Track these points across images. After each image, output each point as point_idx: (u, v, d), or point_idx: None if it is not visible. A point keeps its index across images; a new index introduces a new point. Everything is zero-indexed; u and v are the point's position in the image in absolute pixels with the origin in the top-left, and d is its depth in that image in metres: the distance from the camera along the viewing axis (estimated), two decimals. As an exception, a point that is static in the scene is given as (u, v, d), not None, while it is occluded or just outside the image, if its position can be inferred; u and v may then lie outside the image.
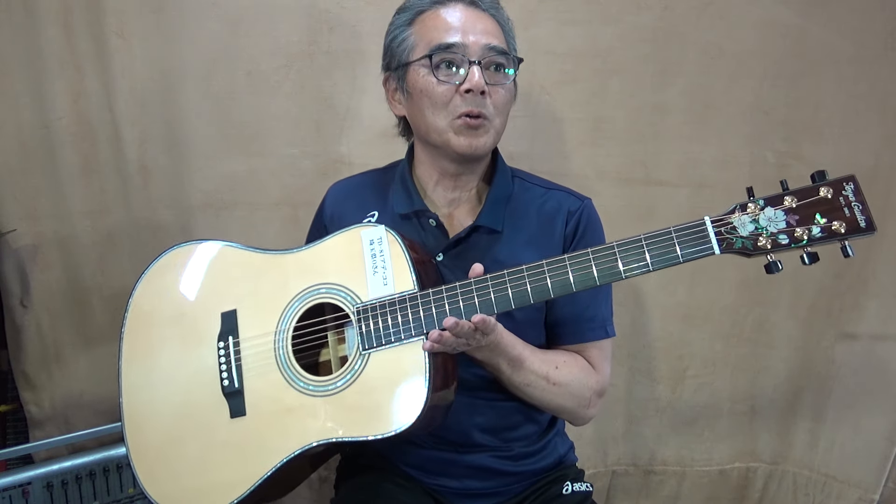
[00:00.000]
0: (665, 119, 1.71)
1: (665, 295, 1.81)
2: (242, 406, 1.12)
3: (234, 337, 1.14)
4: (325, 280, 1.11)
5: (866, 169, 1.70)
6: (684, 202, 1.75)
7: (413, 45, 1.15)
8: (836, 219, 0.88)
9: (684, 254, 0.94)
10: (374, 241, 1.08)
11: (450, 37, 1.11)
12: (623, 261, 0.96)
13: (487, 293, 1.01)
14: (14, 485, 1.50)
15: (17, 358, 1.71)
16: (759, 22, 1.66)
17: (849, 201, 0.88)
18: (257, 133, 1.69)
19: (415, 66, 1.14)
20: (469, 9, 1.14)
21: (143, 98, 1.64)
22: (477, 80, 1.09)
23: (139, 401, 1.17)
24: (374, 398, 1.05)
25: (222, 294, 1.16)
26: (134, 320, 1.20)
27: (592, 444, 1.88)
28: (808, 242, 0.90)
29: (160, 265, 1.20)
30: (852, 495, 1.84)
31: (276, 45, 1.65)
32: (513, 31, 1.20)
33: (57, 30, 1.57)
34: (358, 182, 1.33)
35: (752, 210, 0.92)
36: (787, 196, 0.91)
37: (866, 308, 1.75)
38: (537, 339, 1.22)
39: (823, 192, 0.89)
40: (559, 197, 1.23)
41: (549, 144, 1.73)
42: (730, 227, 0.92)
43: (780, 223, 0.91)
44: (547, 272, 0.99)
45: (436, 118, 1.13)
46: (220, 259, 1.17)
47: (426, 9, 1.15)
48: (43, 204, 1.64)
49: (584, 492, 1.27)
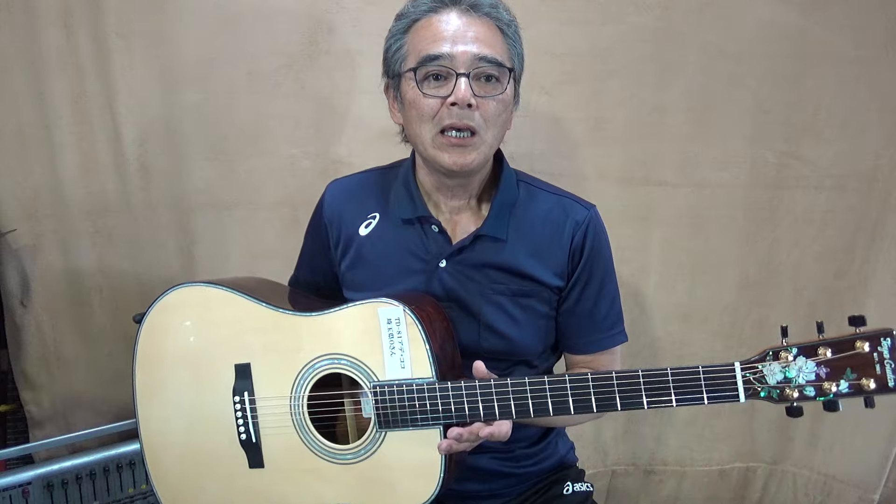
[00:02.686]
0: (665, 119, 1.71)
1: (665, 295, 1.81)
2: (261, 459, 1.15)
3: (251, 394, 1.15)
4: (340, 351, 1.11)
5: (866, 169, 1.70)
6: (684, 202, 1.75)
7: (406, 55, 1.11)
8: (867, 375, 0.87)
9: (709, 398, 0.94)
10: (391, 320, 1.07)
11: (437, 48, 1.07)
12: (647, 393, 0.96)
13: (507, 402, 1.02)
14: (14, 485, 1.50)
15: (17, 358, 1.71)
16: (759, 22, 1.66)
17: (882, 358, 0.86)
18: (257, 133, 1.69)
19: (406, 77, 1.11)
20: (464, 15, 1.09)
21: (143, 98, 1.64)
22: (462, 94, 1.05)
23: (156, 431, 1.20)
24: (389, 475, 1.09)
25: (235, 344, 1.16)
26: (145, 353, 1.20)
27: (592, 444, 1.88)
28: (834, 397, 0.89)
29: (170, 301, 1.19)
30: (852, 495, 1.84)
31: (276, 45, 1.65)
32: (517, 33, 1.15)
33: (57, 30, 1.57)
34: (358, 181, 1.30)
35: (784, 359, 0.91)
36: (822, 346, 0.89)
37: (866, 308, 1.75)
38: (544, 341, 1.22)
39: (859, 345, 0.87)
40: (565, 204, 1.21)
41: (549, 144, 1.73)
42: (758, 374, 0.92)
43: (809, 374, 0.89)
44: (569, 389, 1.00)
45: (422, 130, 1.10)
46: (233, 307, 1.17)
47: (420, 17, 1.11)
48: (43, 204, 1.64)
49: (585, 492, 1.28)
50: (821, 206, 1.74)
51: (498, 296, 1.16)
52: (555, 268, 1.18)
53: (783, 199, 1.75)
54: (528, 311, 1.18)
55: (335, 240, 1.25)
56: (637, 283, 1.80)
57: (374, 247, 1.21)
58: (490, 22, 1.10)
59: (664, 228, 1.77)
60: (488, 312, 1.16)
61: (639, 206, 1.75)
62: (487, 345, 1.16)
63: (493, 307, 1.16)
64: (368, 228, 1.22)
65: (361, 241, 1.22)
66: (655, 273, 1.80)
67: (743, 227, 1.77)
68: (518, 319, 1.17)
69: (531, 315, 1.18)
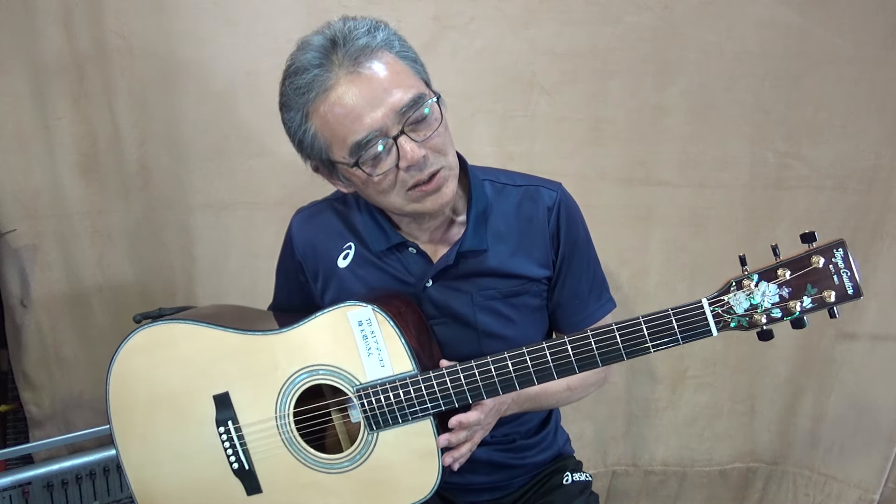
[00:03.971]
0: (665, 119, 1.71)
1: (665, 295, 1.81)
2: (257, 484, 1.14)
3: (234, 422, 1.13)
4: (318, 361, 1.09)
5: (866, 169, 1.71)
6: (684, 202, 1.75)
7: (327, 143, 1.03)
8: (826, 287, 0.91)
9: (684, 338, 0.96)
10: (362, 322, 1.06)
11: (361, 129, 0.98)
12: (623, 344, 0.98)
13: (490, 375, 1.02)
14: (14, 485, 1.50)
15: (17, 358, 1.71)
16: (759, 22, 1.66)
17: (838, 269, 0.90)
18: (257, 133, 1.68)
19: (342, 165, 1.04)
20: (357, 78, 0.97)
21: (143, 98, 1.64)
22: (412, 155, 0.99)
23: (146, 476, 1.17)
24: (388, 474, 1.09)
25: (208, 376, 1.13)
26: (118, 401, 1.17)
27: (592, 444, 1.89)
28: (800, 313, 0.92)
29: (134, 344, 1.15)
30: (852, 495, 1.84)
31: (276, 45, 1.64)
32: (405, 44, 1.04)
33: (57, 30, 1.57)
34: (322, 210, 1.24)
35: (748, 286, 0.94)
36: (781, 268, 0.92)
37: (866, 308, 1.75)
38: (542, 331, 1.23)
39: (815, 260, 0.91)
40: (531, 193, 1.17)
41: (549, 144, 1.73)
42: (726, 306, 0.95)
43: (773, 297, 0.93)
44: (549, 355, 1.00)
45: (389, 199, 1.05)
46: (200, 339, 1.14)
47: (311, 101, 1.00)
48: (43, 204, 1.64)
49: (584, 481, 1.28)
50: (821, 206, 1.74)
51: (490, 301, 1.16)
52: (539, 259, 1.17)
53: (783, 199, 1.75)
54: (521, 308, 1.18)
55: (313, 273, 1.22)
56: (637, 283, 1.80)
57: (357, 278, 1.18)
58: (379, 62, 0.99)
59: (664, 228, 1.77)
60: (483, 319, 1.15)
61: (639, 206, 1.75)
62: (489, 350, 1.15)
63: (487, 313, 1.16)
64: (347, 259, 1.18)
65: (342, 274, 1.18)
66: (655, 273, 1.80)
67: (743, 227, 1.77)
68: (513, 319, 1.17)
69: (524, 311, 1.18)
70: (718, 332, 0.95)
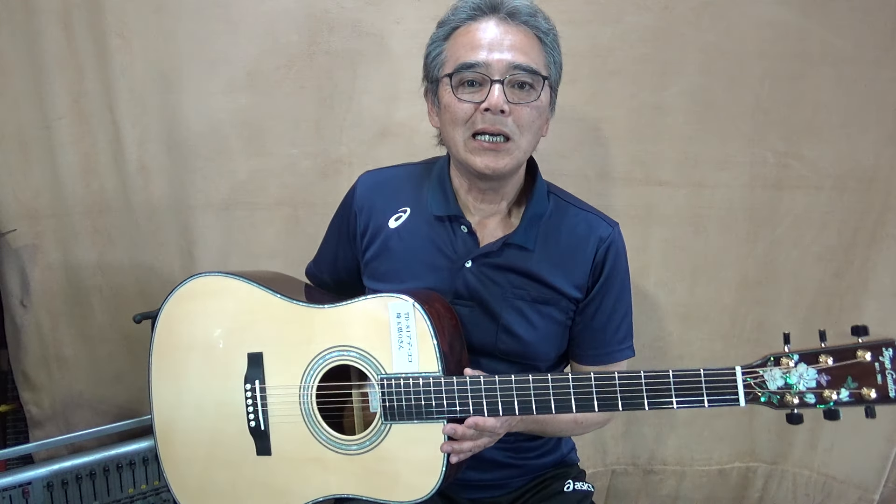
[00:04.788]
0: (665, 119, 1.71)
1: (665, 295, 1.81)
2: (268, 447, 1.17)
3: (261, 382, 1.17)
4: (350, 343, 1.13)
5: (866, 169, 1.70)
6: (684, 202, 1.75)
7: (444, 61, 1.14)
8: (867, 385, 0.87)
9: (710, 401, 0.94)
10: (401, 315, 1.09)
11: (474, 55, 1.09)
12: (648, 393, 0.97)
13: (510, 394, 1.03)
14: (14, 485, 1.50)
15: (17, 358, 1.71)
16: (759, 22, 1.66)
17: (884, 368, 0.87)
18: (257, 133, 1.69)
19: (443, 82, 1.14)
20: (502, 24, 1.11)
21: (143, 98, 1.64)
22: (496, 100, 1.07)
23: (170, 417, 1.22)
24: (393, 467, 1.11)
25: (248, 333, 1.19)
26: (161, 340, 1.22)
27: (592, 444, 1.89)
28: (834, 405, 0.89)
29: (188, 289, 1.21)
30: (852, 495, 1.84)
31: (276, 45, 1.65)
32: (555, 41, 1.16)
33: (57, 30, 1.57)
34: (391, 174, 1.30)
35: (786, 365, 0.91)
36: (824, 354, 0.89)
37: (866, 308, 1.75)
38: (557, 348, 1.24)
39: (861, 354, 0.87)
40: (591, 220, 1.23)
41: (549, 144, 1.72)
42: (759, 380, 0.92)
43: (810, 382, 0.90)
44: (572, 388, 1.01)
45: (455, 134, 1.13)
46: (248, 298, 1.19)
47: (460, 24, 1.13)
48: (43, 204, 1.64)
49: (585, 491, 1.29)
50: (821, 206, 1.74)
51: (519, 300, 1.18)
52: (576, 280, 1.20)
53: (783, 199, 1.75)
54: (546, 317, 1.20)
55: (362, 228, 1.27)
56: (637, 283, 1.80)
57: (402, 240, 1.22)
58: (527, 30, 1.12)
59: (664, 228, 1.77)
60: (508, 315, 1.18)
61: (639, 206, 1.75)
62: (503, 346, 1.19)
63: (512, 310, 1.18)
64: (398, 221, 1.23)
65: (390, 234, 1.23)
66: (655, 273, 1.80)
67: (743, 227, 1.77)
68: (536, 324, 1.19)
69: (548, 322, 1.20)
70: (746, 403, 0.93)
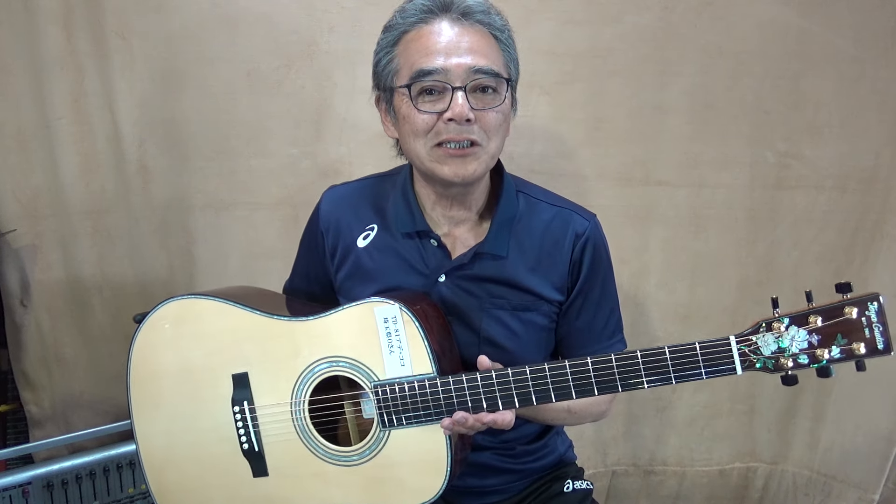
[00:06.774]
0: (665, 119, 1.71)
1: (665, 295, 1.81)
2: (264, 467, 1.15)
3: (250, 403, 1.15)
4: (339, 353, 1.10)
5: (866, 169, 1.70)
6: (684, 202, 1.75)
7: (397, 69, 1.08)
8: (857, 340, 0.89)
9: (707, 373, 0.95)
10: (388, 319, 1.07)
11: (430, 61, 1.03)
12: (645, 370, 0.97)
13: (509, 391, 1.02)
14: (14, 485, 1.50)
15: (17, 358, 1.71)
16: (759, 22, 1.66)
17: (871, 322, 0.88)
18: (257, 133, 1.69)
19: (399, 92, 1.07)
20: (456, 24, 1.05)
21: (143, 98, 1.64)
22: (460, 110, 1.02)
23: (156, 446, 1.19)
24: (395, 473, 1.09)
25: (229, 354, 1.15)
26: (138, 371, 1.19)
27: (592, 444, 1.89)
28: (827, 363, 0.91)
29: (159, 316, 1.18)
30: (852, 495, 1.84)
31: (276, 45, 1.65)
32: (510, 38, 1.11)
33: (57, 30, 1.57)
34: (355, 189, 1.27)
35: (777, 329, 0.92)
36: (812, 315, 0.91)
37: (866, 308, 1.75)
38: (544, 353, 1.22)
39: (848, 311, 0.89)
40: (565, 216, 1.18)
41: (549, 144, 1.73)
42: (753, 346, 0.93)
43: (802, 343, 0.92)
44: (570, 374, 1.00)
45: (416, 145, 1.07)
46: (226, 318, 1.16)
47: (410, 28, 1.07)
48: (43, 204, 1.64)
49: (585, 490, 1.28)
50: (821, 206, 1.74)
51: (498, 310, 1.16)
52: (555, 282, 1.17)
53: (783, 200, 1.75)
54: (527, 324, 1.17)
55: (331, 248, 1.24)
56: (637, 283, 1.80)
57: (372, 259, 1.19)
58: (483, 29, 1.06)
59: (664, 228, 1.77)
60: (488, 326, 1.15)
61: (639, 206, 1.75)
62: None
63: (492, 321, 1.16)
64: (367, 240, 1.20)
65: (359, 253, 1.20)
66: (655, 273, 1.80)
67: (743, 227, 1.77)
68: (518, 333, 1.16)
69: (531, 328, 1.18)
70: (743, 371, 0.93)
